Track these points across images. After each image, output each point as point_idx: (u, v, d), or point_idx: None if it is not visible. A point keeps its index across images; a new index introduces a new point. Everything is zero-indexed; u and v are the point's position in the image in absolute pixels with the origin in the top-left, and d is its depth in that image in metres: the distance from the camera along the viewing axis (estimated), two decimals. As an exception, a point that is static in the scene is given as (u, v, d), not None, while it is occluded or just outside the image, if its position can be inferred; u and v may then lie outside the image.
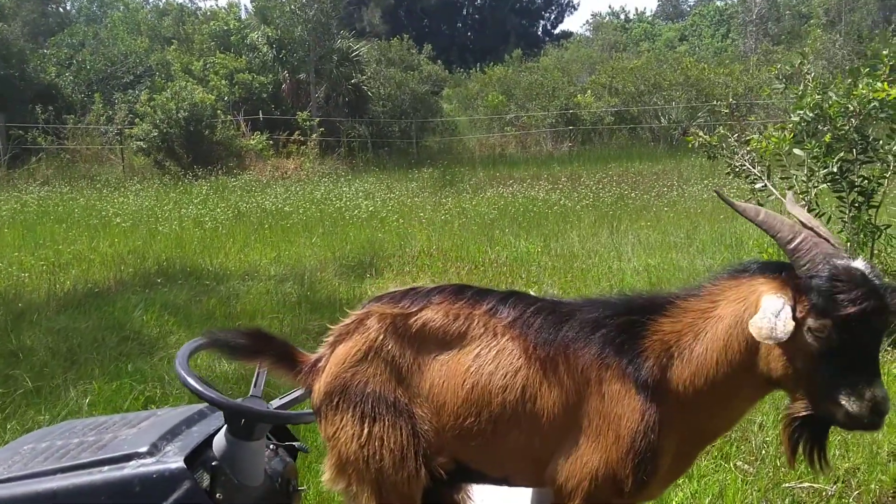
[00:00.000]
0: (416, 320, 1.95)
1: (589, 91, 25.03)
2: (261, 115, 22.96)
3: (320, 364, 2.03)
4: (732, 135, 7.37)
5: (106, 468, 2.17)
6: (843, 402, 1.57)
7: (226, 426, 2.26)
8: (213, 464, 2.17)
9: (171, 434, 2.29)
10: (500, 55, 37.54)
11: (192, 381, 2.19)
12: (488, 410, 1.82)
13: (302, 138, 22.35)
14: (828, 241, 1.72)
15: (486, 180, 17.69)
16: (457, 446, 1.87)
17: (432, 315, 1.94)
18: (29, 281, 9.14)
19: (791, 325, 1.61)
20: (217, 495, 2.19)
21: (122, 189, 17.28)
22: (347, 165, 21.27)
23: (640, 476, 1.72)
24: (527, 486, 1.97)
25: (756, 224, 1.76)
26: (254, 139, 22.05)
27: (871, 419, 1.57)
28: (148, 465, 2.15)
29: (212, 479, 2.18)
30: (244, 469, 2.26)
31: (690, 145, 7.52)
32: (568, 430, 1.79)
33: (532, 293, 2.09)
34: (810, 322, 1.62)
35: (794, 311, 1.64)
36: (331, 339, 2.05)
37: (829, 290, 1.58)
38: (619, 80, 24.56)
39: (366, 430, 1.90)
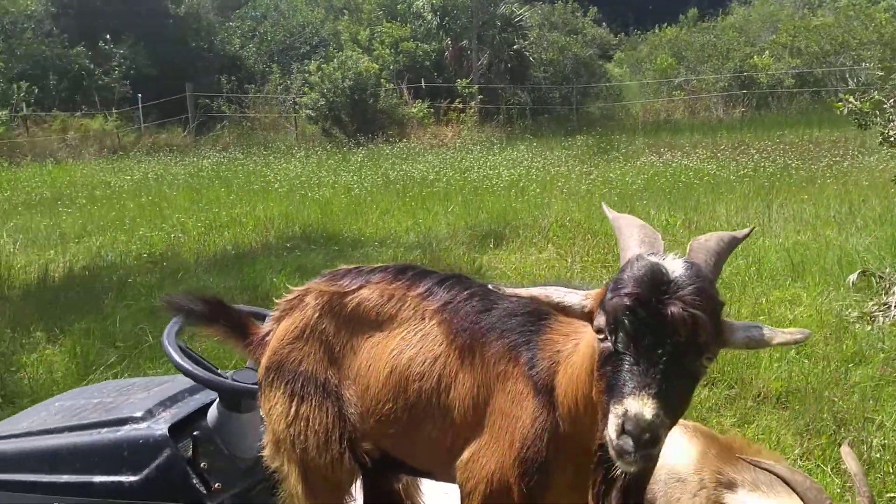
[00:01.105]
0: (352, 299, 1.90)
1: (767, 52, 23.30)
2: (423, 83, 23.33)
3: (267, 338, 2.03)
4: (888, 100, 6.61)
5: (104, 430, 2.35)
6: (607, 423, 1.32)
7: (218, 398, 2.35)
8: (196, 434, 2.27)
9: (171, 401, 2.42)
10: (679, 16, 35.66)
11: (174, 356, 2.29)
12: (404, 397, 1.76)
13: (461, 106, 22.51)
14: (655, 242, 1.50)
15: (642, 148, 17.03)
16: (378, 433, 1.82)
17: (368, 294, 1.89)
18: (185, 242, 9.90)
19: (563, 300, 1.45)
20: (202, 464, 2.29)
21: (290, 156, 18.21)
22: (504, 133, 21.17)
23: (527, 487, 1.59)
24: (443, 480, 1.89)
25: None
26: (415, 107, 22.48)
27: (619, 444, 1.27)
28: (138, 431, 2.29)
29: (195, 449, 2.27)
30: (235, 441, 2.34)
31: (839, 112, 6.83)
32: (476, 425, 1.68)
33: (475, 279, 1.96)
34: (594, 322, 1.42)
35: (585, 308, 1.47)
36: (276, 313, 2.05)
37: (613, 283, 1.39)
38: (802, 39, 22.65)
39: (293, 409, 1.91)
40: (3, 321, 7.02)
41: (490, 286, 1.86)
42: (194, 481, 2.21)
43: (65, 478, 2.28)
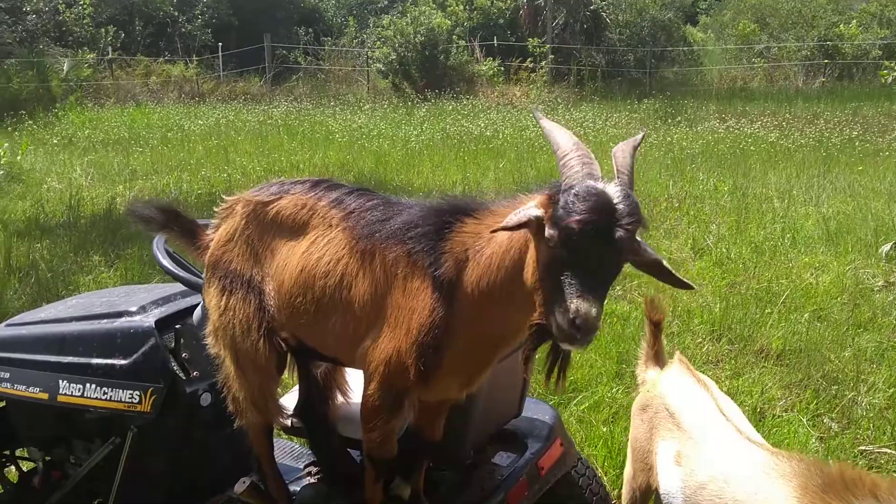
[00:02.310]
0: (272, 208, 2.17)
1: (855, 21, 22.36)
2: (495, 41, 23.29)
3: (209, 242, 2.34)
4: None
5: (104, 320, 2.71)
6: (556, 314, 1.58)
7: (202, 300, 2.68)
8: (178, 327, 2.61)
9: (164, 300, 2.77)
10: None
11: (160, 258, 2.63)
12: (312, 292, 2.02)
13: (532, 65, 22.42)
14: (592, 165, 1.70)
15: (710, 115, 16.73)
16: (292, 324, 2.10)
17: (285, 204, 2.15)
18: (244, 183, 10.39)
19: (521, 218, 1.66)
20: (183, 354, 2.63)
21: (357, 109, 18.60)
22: (575, 94, 21.04)
23: (421, 366, 1.84)
24: (351, 366, 2.16)
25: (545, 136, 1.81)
26: (485, 65, 22.51)
27: (570, 332, 1.55)
28: (130, 322, 2.65)
29: (177, 340, 2.62)
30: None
31: (884, 81, 6.72)
32: (375, 318, 1.94)
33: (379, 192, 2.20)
34: (546, 231, 1.64)
35: (541, 219, 1.68)
36: (216, 221, 2.35)
37: (565, 203, 1.60)
38: (893, 8, 21.64)
39: (223, 302, 2.21)
40: (68, 245, 7.63)
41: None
42: (174, 367, 2.56)
43: (69, 359, 2.66)
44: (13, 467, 3.12)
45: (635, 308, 5.84)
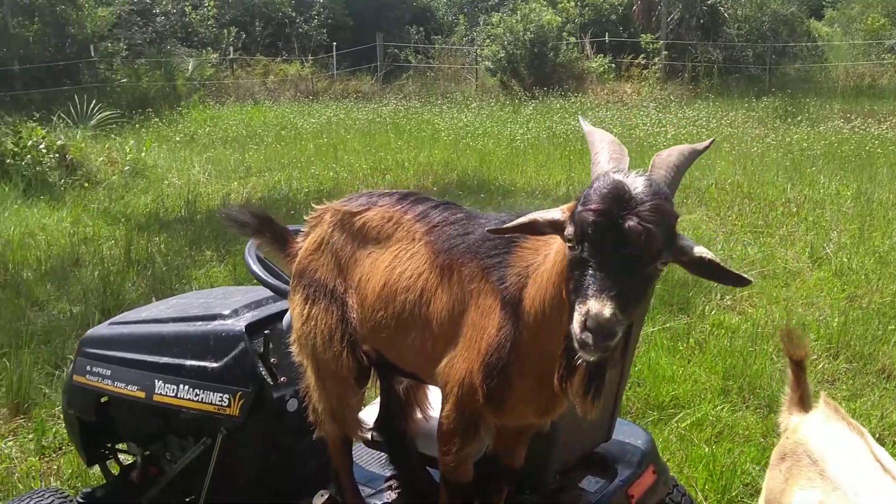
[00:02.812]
0: (359, 219, 2.14)
1: None
2: (607, 38, 22.83)
3: (298, 250, 2.33)
4: None
5: (199, 323, 2.77)
6: (573, 320, 1.46)
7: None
8: (267, 332, 2.63)
9: (256, 305, 2.80)
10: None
11: (251, 265, 2.65)
12: (392, 307, 1.97)
13: (645, 62, 21.85)
14: (621, 160, 1.59)
15: (833, 114, 15.83)
16: (373, 337, 2.07)
17: (372, 216, 2.12)
18: (350, 181, 10.57)
19: (524, 220, 1.59)
20: (271, 359, 2.66)
21: (465, 107, 18.62)
22: (687, 91, 20.35)
23: (489, 388, 1.76)
24: (431, 384, 2.09)
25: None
26: (596, 61, 22.09)
27: (581, 338, 1.42)
28: (222, 326, 2.69)
29: (266, 345, 2.64)
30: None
31: None
32: (452, 336, 1.87)
33: (463, 206, 2.12)
34: (566, 230, 1.54)
35: (556, 222, 1.59)
36: (306, 228, 2.33)
37: (583, 197, 1.51)
38: None
39: (306, 310, 2.20)
40: (184, 240, 7.96)
41: (481, 214, 2.03)
42: (262, 372, 2.59)
43: (164, 359, 2.74)
44: (114, 461, 3.24)
45: (745, 320, 5.56)
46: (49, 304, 6.27)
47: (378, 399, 2.34)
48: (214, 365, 2.62)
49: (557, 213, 1.60)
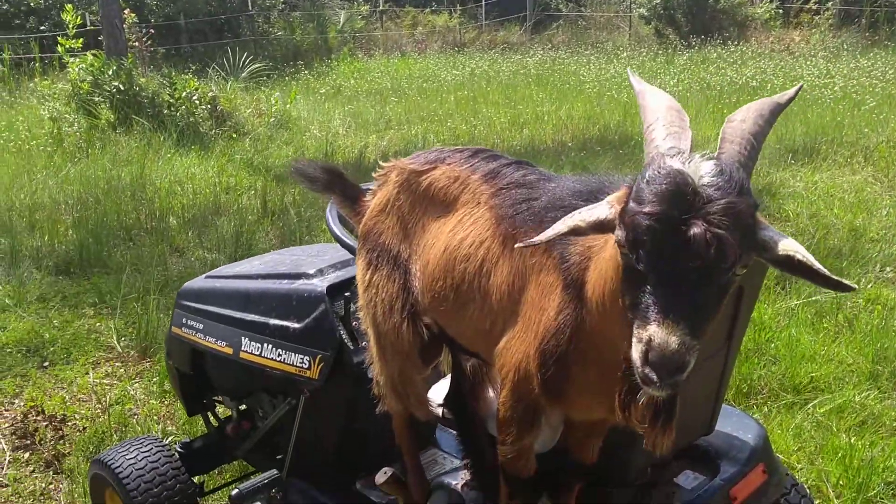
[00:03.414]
0: (425, 178, 1.92)
1: None
2: (776, -20, 21.10)
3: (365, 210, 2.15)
4: None
5: (285, 281, 2.70)
6: (632, 346, 1.19)
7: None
8: (347, 294, 2.52)
9: (343, 265, 2.69)
10: None
11: (332, 226, 2.53)
12: (452, 277, 1.77)
13: (816, 6, 20.04)
14: (682, 134, 1.26)
15: None
16: (433, 309, 1.87)
17: (439, 175, 1.90)
18: (487, 135, 10.37)
19: (561, 229, 1.33)
20: (353, 323, 2.54)
21: (615, 57, 17.84)
22: (865, 39, 18.49)
23: (545, 377, 1.53)
24: (493, 364, 1.86)
25: None
26: (761, 7, 20.51)
27: (643, 372, 1.17)
28: (306, 285, 2.60)
29: (346, 308, 2.53)
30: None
31: None
32: (511, 314, 1.65)
33: (537, 167, 1.84)
34: (616, 233, 1.25)
35: (602, 223, 1.31)
36: (374, 187, 2.15)
37: (636, 191, 1.21)
38: None
39: (368, 276, 2.02)
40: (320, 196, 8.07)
41: (541, 174, 1.76)
42: (343, 336, 2.48)
43: (251, 316, 2.69)
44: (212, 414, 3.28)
45: (907, 295, 4.95)
46: (188, 251, 6.53)
47: (450, 374, 2.17)
48: (296, 325, 2.54)
49: (604, 210, 1.33)
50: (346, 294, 2.51)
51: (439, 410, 2.20)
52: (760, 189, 7.38)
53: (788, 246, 1.26)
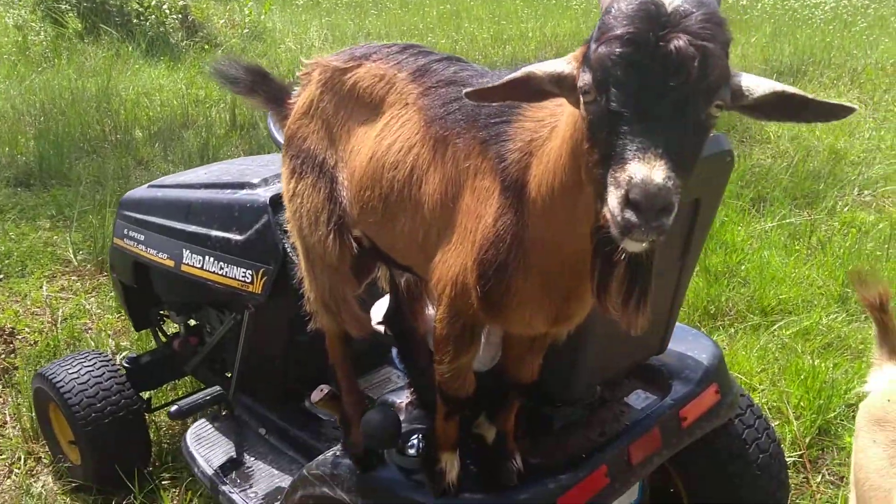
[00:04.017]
0: (350, 77, 1.76)
1: None
2: None
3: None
4: None
5: (227, 191, 2.56)
6: (607, 197, 1.06)
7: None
8: (293, 204, 2.38)
9: (289, 174, 2.54)
10: None
11: (274, 132, 2.37)
12: (380, 187, 1.63)
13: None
14: None
15: None
16: (362, 221, 1.74)
17: (363, 74, 1.73)
18: (469, 51, 10.06)
19: (515, 76, 1.19)
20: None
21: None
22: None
23: (484, 289, 1.43)
24: (428, 280, 1.75)
25: None
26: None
27: (624, 218, 1.01)
28: (249, 195, 2.46)
29: (291, 218, 2.40)
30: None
31: None
32: (446, 225, 1.52)
33: (471, 62, 1.68)
34: (580, 82, 1.11)
35: (559, 76, 1.18)
36: (300, 88, 1.99)
37: (597, 30, 1.07)
38: None
39: (292, 185, 1.87)
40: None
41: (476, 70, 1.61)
42: (288, 248, 2.35)
43: (192, 228, 2.55)
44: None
45: (883, 219, 4.87)
46: (153, 165, 6.33)
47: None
48: (238, 237, 2.42)
49: (563, 65, 1.18)
50: (292, 204, 2.37)
51: (380, 328, 2.10)
52: (743, 110, 7.23)
53: (772, 84, 1.13)
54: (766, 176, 5.55)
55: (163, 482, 2.88)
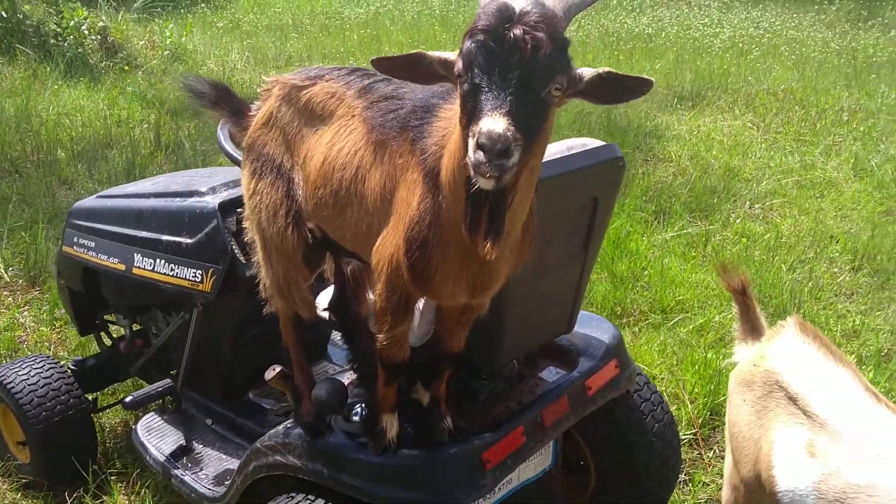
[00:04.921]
0: (305, 93, 2.06)
1: None
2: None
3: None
4: None
5: (177, 199, 2.77)
6: (468, 146, 1.37)
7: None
8: (238, 210, 2.62)
9: (233, 184, 2.78)
10: None
11: (223, 143, 2.62)
12: (331, 185, 1.92)
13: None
14: None
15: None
16: (316, 214, 2.03)
17: (317, 91, 2.04)
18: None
19: (435, 54, 1.52)
20: (244, 238, 2.65)
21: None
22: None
23: (412, 264, 1.72)
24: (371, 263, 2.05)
25: None
26: (660, -43, 20.95)
27: (476, 160, 1.33)
28: (198, 202, 2.69)
29: (238, 224, 2.63)
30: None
31: None
32: (385, 214, 1.82)
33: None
34: (456, 67, 1.45)
35: (440, 61, 1.51)
36: (259, 102, 2.27)
37: (468, 31, 1.41)
38: None
39: (253, 184, 2.16)
40: (214, 126, 7.95)
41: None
42: (234, 250, 2.59)
43: (143, 233, 2.76)
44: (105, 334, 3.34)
45: (770, 230, 5.38)
46: (77, 184, 6.39)
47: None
48: (188, 241, 2.63)
49: (451, 54, 1.52)
50: (237, 210, 2.60)
51: (325, 314, 2.36)
52: (647, 132, 7.76)
53: (596, 70, 1.48)
54: (667, 191, 6.04)
55: (111, 476, 3.03)
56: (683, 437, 3.28)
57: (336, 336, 2.97)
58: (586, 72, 1.49)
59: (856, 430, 1.87)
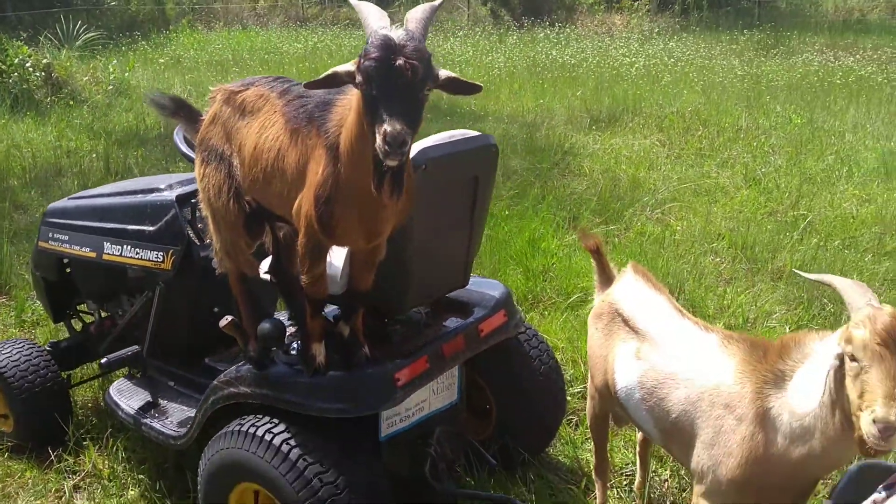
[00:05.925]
0: (240, 96, 2.65)
1: None
2: (598, -32, 22.80)
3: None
4: None
5: (139, 195, 3.30)
6: (377, 139, 1.90)
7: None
8: (193, 202, 3.16)
9: (189, 182, 3.31)
10: None
11: (179, 145, 3.16)
12: (260, 164, 2.50)
13: (635, -7, 21.91)
14: (383, 19, 2.02)
15: (816, 48, 16.08)
16: (251, 189, 2.60)
17: (249, 94, 2.63)
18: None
19: (329, 72, 2.06)
20: (199, 225, 3.19)
21: (452, 36, 18.82)
22: (677, 24, 20.49)
23: (320, 216, 2.27)
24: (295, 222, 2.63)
25: None
26: (586, -8, 22.15)
27: (384, 149, 1.85)
28: (157, 197, 3.22)
29: (193, 213, 3.17)
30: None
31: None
32: (300, 182, 2.38)
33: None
34: (357, 79, 1.99)
35: (351, 73, 2.03)
36: (208, 109, 2.84)
37: (364, 50, 1.95)
38: None
39: (202, 170, 2.74)
40: (160, 154, 8.45)
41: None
42: (190, 234, 3.13)
43: (111, 225, 3.27)
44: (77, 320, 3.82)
45: (665, 229, 6.09)
46: (32, 208, 6.79)
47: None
48: (151, 228, 3.16)
49: (351, 66, 2.07)
50: (192, 201, 3.15)
51: (266, 277, 2.91)
52: (565, 150, 8.50)
53: (447, 73, 2.07)
54: (578, 200, 6.74)
55: (85, 439, 3.50)
56: (577, 391, 3.90)
57: None
58: (442, 73, 2.07)
59: (666, 337, 2.50)
